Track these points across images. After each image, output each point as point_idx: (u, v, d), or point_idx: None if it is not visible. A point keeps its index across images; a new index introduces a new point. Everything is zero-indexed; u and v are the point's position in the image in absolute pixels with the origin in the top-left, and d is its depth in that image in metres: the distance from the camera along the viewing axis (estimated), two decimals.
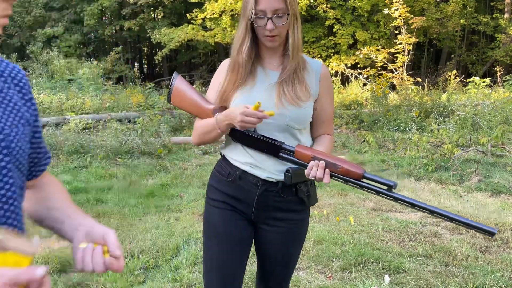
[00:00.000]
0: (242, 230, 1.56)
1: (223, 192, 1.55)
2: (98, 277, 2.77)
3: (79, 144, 6.14)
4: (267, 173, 1.49)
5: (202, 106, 1.53)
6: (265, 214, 1.54)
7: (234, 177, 1.52)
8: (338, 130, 8.68)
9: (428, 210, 1.31)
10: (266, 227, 1.57)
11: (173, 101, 1.60)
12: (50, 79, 11.42)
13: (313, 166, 1.37)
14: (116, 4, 17.83)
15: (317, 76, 1.53)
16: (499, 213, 4.01)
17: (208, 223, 1.60)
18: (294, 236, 1.60)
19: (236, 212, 1.54)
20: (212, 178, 1.62)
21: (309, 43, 17.29)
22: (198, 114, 1.55)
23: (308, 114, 1.50)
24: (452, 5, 15.61)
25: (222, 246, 1.55)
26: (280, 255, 1.60)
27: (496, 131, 5.45)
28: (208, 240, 1.59)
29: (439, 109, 8.74)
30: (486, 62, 17.95)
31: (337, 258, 3.06)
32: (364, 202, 4.38)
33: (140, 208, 4.15)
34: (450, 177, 5.14)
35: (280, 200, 1.52)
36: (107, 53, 17.82)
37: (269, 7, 1.37)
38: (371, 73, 11.90)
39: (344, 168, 1.37)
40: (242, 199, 1.53)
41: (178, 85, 1.58)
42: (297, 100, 1.45)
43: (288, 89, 1.45)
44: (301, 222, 1.59)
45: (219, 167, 1.60)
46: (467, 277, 2.77)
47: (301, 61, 1.50)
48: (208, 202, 1.61)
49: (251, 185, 1.51)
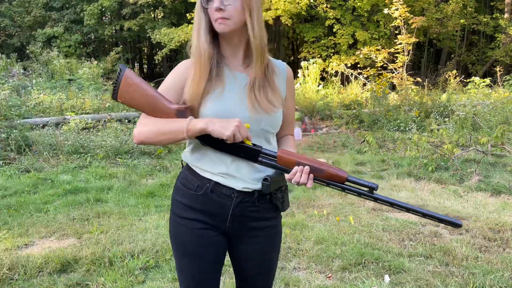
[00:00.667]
0: (216, 248, 1.46)
1: (192, 207, 1.43)
2: (98, 277, 2.77)
3: (79, 144, 6.14)
4: (243, 183, 1.39)
5: (160, 105, 1.36)
6: (240, 225, 1.45)
7: (205, 190, 1.40)
8: (338, 130, 8.68)
9: (405, 208, 1.35)
10: (242, 240, 1.47)
11: (122, 97, 1.39)
12: (50, 79, 11.42)
13: (297, 172, 1.32)
14: (116, 4, 17.83)
15: (284, 78, 1.48)
16: (499, 213, 4.01)
17: (177, 242, 1.47)
18: (271, 244, 1.52)
19: (208, 230, 1.43)
20: (177, 193, 1.47)
21: (309, 43, 17.29)
22: (153, 113, 1.38)
23: (280, 118, 1.45)
24: (452, 5, 15.62)
25: (195, 266, 1.46)
26: (261, 266, 1.52)
27: (496, 131, 5.46)
28: (181, 258, 1.48)
29: (439, 109, 8.74)
30: (486, 62, 17.96)
31: (337, 258, 3.06)
32: (364, 202, 4.38)
33: (140, 208, 4.15)
34: (450, 177, 5.14)
35: (255, 210, 1.44)
36: (107, 53, 17.83)
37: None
38: (371, 73, 11.90)
39: (329, 172, 1.34)
40: (215, 213, 1.42)
41: (128, 79, 1.37)
42: (271, 106, 1.39)
43: (261, 94, 1.38)
44: (275, 227, 1.51)
45: (184, 180, 1.45)
46: (467, 277, 2.77)
47: (269, 63, 1.43)
48: (175, 219, 1.47)
49: (224, 197, 1.40)
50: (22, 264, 2.87)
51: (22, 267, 2.85)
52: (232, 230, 1.45)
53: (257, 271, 1.53)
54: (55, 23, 18.42)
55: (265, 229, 1.48)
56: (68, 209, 4.11)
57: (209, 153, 1.40)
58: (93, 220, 3.83)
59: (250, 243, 1.48)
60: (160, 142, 1.37)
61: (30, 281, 2.72)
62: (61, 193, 4.57)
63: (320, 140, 7.80)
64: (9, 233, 3.48)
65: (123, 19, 19.56)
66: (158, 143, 1.38)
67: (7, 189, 4.65)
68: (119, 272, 2.82)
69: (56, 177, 5.12)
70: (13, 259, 2.93)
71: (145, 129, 1.37)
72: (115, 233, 3.49)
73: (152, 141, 1.37)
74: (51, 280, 2.72)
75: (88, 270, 2.88)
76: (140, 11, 18.72)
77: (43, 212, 4.03)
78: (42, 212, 4.03)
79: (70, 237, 3.46)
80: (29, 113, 7.77)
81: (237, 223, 1.44)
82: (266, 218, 1.47)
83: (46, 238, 3.43)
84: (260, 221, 1.46)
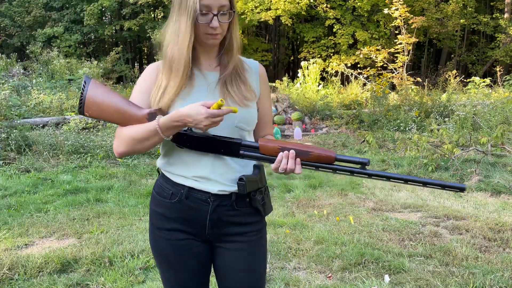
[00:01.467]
0: (199, 256, 1.40)
1: (169, 217, 1.37)
2: (98, 277, 2.77)
3: (79, 144, 6.14)
4: (219, 186, 1.33)
5: (131, 112, 1.30)
6: (220, 231, 1.38)
7: (179, 197, 1.35)
8: (338, 130, 8.68)
9: (403, 179, 1.30)
10: (225, 245, 1.40)
11: (88, 111, 1.32)
12: (50, 79, 11.42)
13: (282, 158, 1.26)
14: (116, 4, 17.83)
15: (256, 76, 1.44)
16: (499, 213, 4.01)
17: (159, 253, 1.42)
18: (255, 251, 1.42)
19: (188, 239, 1.38)
20: (153, 202, 1.42)
21: (309, 43, 17.30)
22: (124, 122, 1.31)
23: (255, 115, 1.40)
24: (452, 5, 15.63)
25: (181, 277, 1.41)
26: (240, 276, 1.41)
27: (496, 131, 5.45)
28: (164, 270, 1.43)
29: (439, 109, 8.74)
30: (486, 62, 17.97)
31: (337, 258, 3.06)
32: (364, 202, 4.38)
33: (140, 208, 4.15)
34: (450, 177, 5.14)
35: (234, 214, 1.37)
36: (107, 53, 17.83)
37: (215, 3, 1.26)
38: (371, 73, 11.91)
39: (315, 153, 1.27)
40: (192, 220, 1.36)
41: (93, 91, 1.31)
42: (244, 101, 1.35)
43: (233, 89, 1.35)
44: (259, 233, 1.43)
45: (159, 188, 1.40)
46: (467, 277, 2.77)
47: (239, 61, 1.41)
48: (154, 231, 1.42)
49: (200, 202, 1.34)
50: (22, 264, 2.87)
51: (22, 267, 2.85)
52: (213, 236, 1.39)
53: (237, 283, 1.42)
54: (55, 23, 18.43)
55: (247, 233, 1.40)
56: (68, 209, 4.11)
57: (182, 155, 1.34)
58: (93, 220, 3.83)
59: (232, 250, 1.40)
60: (140, 150, 1.32)
61: (30, 281, 2.72)
62: (61, 193, 4.57)
63: (320, 140, 7.80)
64: (9, 233, 3.48)
65: (123, 19, 19.57)
66: (138, 151, 1.32)
67: (7, 189, 4.65)
68: (119, 272, 2.82)
69: (56, 177, 5.12)
70: (13, 259, 2.93)
71: (121, 141, 1.32)
72: (115, 233, 3.49)
73: (131, 150, 1.32)
74: (51, 280, 2.72)
75: (88, 270, 2.88)
76: (140, 11, 18.73)
77: (43, 212, 4.03)
78: (42, 212, 4.03)
79: (70, 237, 3.46)
80: (29, 113, 7.78)
81: (216, 229, 1.37)
82: (248, 223, 1.40)
83: (46, 238, 3.44)
84: (241, 226, 1.39)
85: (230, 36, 1.36)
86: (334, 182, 5.07)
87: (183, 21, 1.27)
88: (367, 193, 4.69)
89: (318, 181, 5.04)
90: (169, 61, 1.31)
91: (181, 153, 1.35)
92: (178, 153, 1.35)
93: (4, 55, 13.06)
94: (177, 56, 1.29)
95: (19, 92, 9.24)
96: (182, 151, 1.34)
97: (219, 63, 1.39)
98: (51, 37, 17.80)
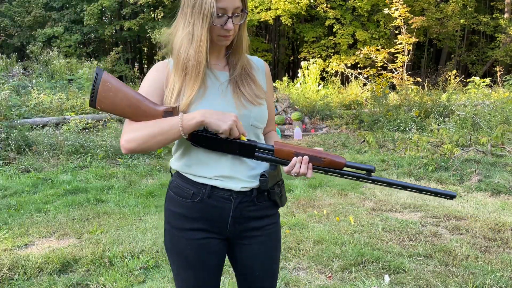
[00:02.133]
0: (217, 255, 1.43)
1: (189, 217, 1.38)
2: (98, 277, 2.77)
3: (79, 144, 6.14)
4: (241, 183, 1.36)
5: (145, 108, 1.27)
6: (241, 227, 1.41)
7: (201, 196, 1.35)
8: (338, 130, 8.68)
9: (402, 186, 1.40)
10: (245, 241, 1.44)
11: (101, 105, 1.27)
12: (50, 79, 11.42)
13: (296, 162, 1.31)
14: (116, 4, 17.83)
15: (263, 74, 1.47)
16: (499, 213, 4.01)
17: (177, 254, 1.42)
18: (273, 242, 1.48)
19: (208, 238, 1.39)
20: (171, 203, 1.41)
21: (309, 43, 17.30)
22: (137, 117, 1.28)
23: (266, 111, 1.43)
24: (452, 5, 15.62)
25: (200, 277, 1.43)
26: (267, 265, 1.48)
27: (496, 131, 5.45)
28: (182, 270, 1.43)
29: (439, 109, 8.74)
30: (486, 62, 17.97)
31: (337, 258, 3.06)
32: (364, 202, 4.38)
33: (140, 208, 4.15)
34: (450, 177, 5.14)
35: (254, 209, 1.41)
36: (107, 53, 17.83)
37: (230, 6, 1.26)
38: (371, 73, 11.91)
39: (327, 160, 1.33)
40: (214, 219, 1.38)
41: (107, 83, 1.26)
42: (257, 99, 1.38)
43: (245, 88, 1.37)
44: (275, 224, 1.49)
45: (177, 189, 1.39)
46: (467, 277, 2.77)
47: (246, 60, 1.42)
48: (172, 232, 1.41)
49: (223, 201, 1.36)
50: (22, 264, 2.87)
51: (22, 267, 2.85)
52: (234, 233, 1.42)
53: (263, 272, 1.48)
54: (55, 23, 18.43)
55: (265, 227, 1.45)
56: (68, 209, 4.11)
57: (200, 156, 1.35)
58: (93, 220, 3.83)
59: (253, 243, 1.45)
60: (151, 147, 1.28)
61: (30, 281, 2.72)
62: (61, 193, 4.57)
63: (320, 140, 7.80)
64: (9, 233, 3.48)
65: (123, 19, 19.57)
66: (149, 149, 1.28)
67: (7, 189, 4.65)
68: (119, 272, 2.82)
69: (56, 177, 5.12)
70: (13, 259, 2.93)
71: (133, 136, 1.26)
72: (115, 233, 3.49)
73: (143, 147, 1.27)
74: (51, 280, 2.72)
75: (88, 270, 2.88)
76: (140, 11, 18.73)
77: (43, 212, 4.03)
78: (42, 212, 4.03)
79: (70, 237, 3.46)
80: (29, 113, 7.78)
81: (238, 225, 1.40)
82: (266, 215, 1.45)
83: (46, 238, 3.44)
84: (260, 219, 1.43)
85: (238, 36, 1.37)
86: (334, 182, 5.07)
87: (198, 24, 1.26)
88: (367, 193, 4.69)
89: (318, 181, 5.04)
90: (183, 64, 1.30)
91: (198, 154, 1.35)
92: (195, 154, 1.36)
93: (4, 55, 13.06)
94: (192, 60, 1.29)
95: (19, 92, 9.24)
96: (199, 152, 1.35)
97: (227, 63, 1.41)
98: (51, 37, 17.80)
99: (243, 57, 1.40)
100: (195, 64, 1.29)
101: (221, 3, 1.25)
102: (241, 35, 1.37)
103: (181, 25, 1.31)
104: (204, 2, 1.24)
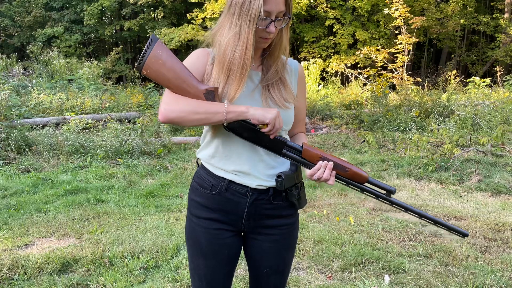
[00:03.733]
0: (231, 247, 1.47)
1: (208, 207, 1.43)
2: (98, 277, 2.77)
3: (79, 144, 6.14)
4: (257, 181, 1.39)
5: (189, 82, 1.29)
6: (256, 223, 1.45)
7: (219, 189, 1.41)
8: (338, 130, 8.68)
9: (418, 214, 1.41)
10: (258, 237, 1.48)
11: (147, 69, 1.29)
12: (50, 79, 11.43)
13: (320, 167, 1.33)
14: (116, 4, 17.83)
15: (295, 76, 1.49)
16: (499, 213, 4.01)
17: (193, 240, 1.48)
18: (287, 242, 1.51)
19: (223, 230, 1.44)
20: (193, 192, 1.48)
21: (309, 43, 17.29)
22: (179, 90, 1.30)
23: (293, 115, 1.45)
24: (452, 5, 15.61)
25: (210, 265, 1.47)
26: (275, 264, 1.51)
27: (496, 131, 5.45)
28: (195, 257, 1.49)
29: (439, 109, 8.74)
30: (486, 62, 17.96)
31: (337, 258, 3.06)
32: (364, 202, 4.38)
33: (140, 208, 4.15)
34: (450, 177, 5.14)
35: (271, 208, 1.44)
36: (107, 53, 17.85)
37: (275, 9, 1.29)
38: (371, 73, 11.90)
39: (352, 171, 1.34)
40: (230, 212, 1.42)
41: (159, 50, 1.29)
42: (285, 102, 1.40)
43: (275, 91, 1.40)
44: (292, 226, 1.51)
45: (200, 179, 1.45)
46: (467, 277, 2.77)
47: (282, 61, 1.44)
48: (191, 219, 1.48)
49: (239, 195, 1.40)
50: (22, 264, 2.87)
51: (22, 267, 2.85)
52: (248, 228, 1.46)
53: (271, 270, 1.52)
54: (55, 23, 18.44)
55: (281, 226, 1.47)
56: (68, 209, 4.11)
57: (224, 149, 1.39)
58: (93, 220, 3.83)
59: (266, 241, 1.48)
60: (190, 122, 1.29)
61: (30, 281, 2.72)
62: (61, 193, 4.57)
63: (320, 140, 7.80)
64: (9, 233, 3.48)
65: (123, 19, 19.57)
66: (187, 123, 1.30)
67: (7, 189, 4.65)
68: (119, 272, 2.82)
69: (56, 177, 5.12)
70: (13, 259, 2.93)
71: (176, 107, 1.29)
72: (115, 233, 3.49)
73: (182, 120, 1.29)
74: (51, 280, 2.72)
75: (88, 270, 2.88)
76: (140, 11, 18.73)
77: (43, 212, 4.03)
78: (42, 212, 4.03)
79: (70, 237, 3.46)
80: (29, 113, 7.78)
81: (253, 221, 1.44)
82: (282, 215, 1.47)
83: (46, 238, 3.44)
84: (276, 218, 1.46)
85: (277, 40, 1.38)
86: None
87: (245, 26, 1.28)
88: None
89: None
90: (228, 65, 1.32)
91: (223, 146, 1.40)
92: (219, 146, 1.40)
93: (4, 55, 13.07)
94: (238, 62, 1.30)
95: (19, 92, 9.25)
96: (223, 145, 1.39)
97: (261, 63, 1.43)
98: (51, 37, 17.81)
99: (278, 60, 1.41)
100: (240, 66, 1.31)
101: (267, 6, 1.27)
102: (279, 38, 1.38)
103: (228, 25, 1.32)
104: (252, 4, 1.25)
